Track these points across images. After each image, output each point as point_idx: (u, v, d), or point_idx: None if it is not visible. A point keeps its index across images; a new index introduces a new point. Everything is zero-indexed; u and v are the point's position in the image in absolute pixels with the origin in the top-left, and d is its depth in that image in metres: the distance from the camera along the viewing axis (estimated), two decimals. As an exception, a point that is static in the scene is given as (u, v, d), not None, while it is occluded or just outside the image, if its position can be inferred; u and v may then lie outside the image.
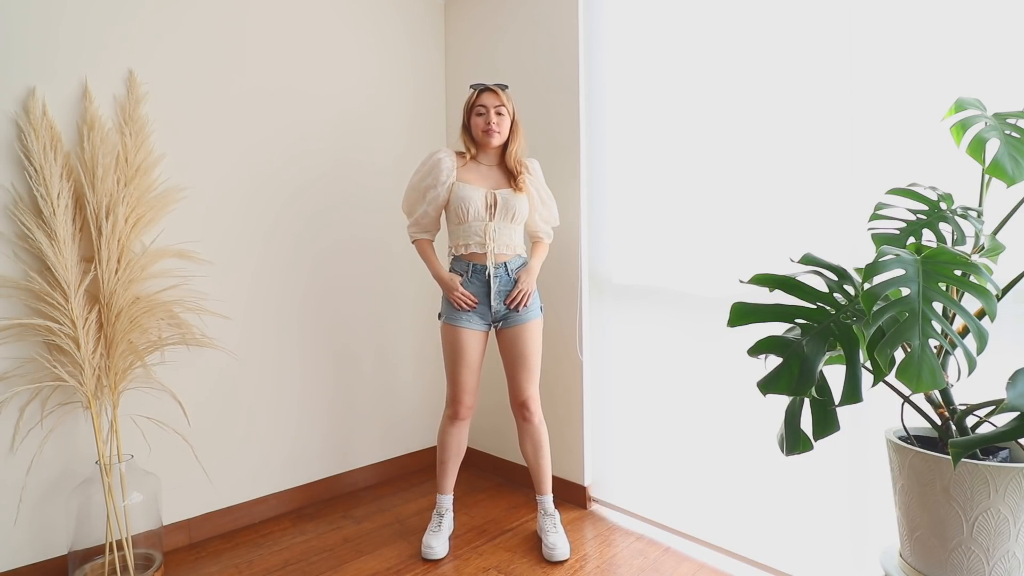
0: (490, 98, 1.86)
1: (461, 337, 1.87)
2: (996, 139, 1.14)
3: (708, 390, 1.88)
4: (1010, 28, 1.35)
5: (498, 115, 1.86)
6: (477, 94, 1.89)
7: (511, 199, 1.86)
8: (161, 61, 1.92)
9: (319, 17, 2.33)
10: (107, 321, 1.72)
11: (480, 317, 1.88)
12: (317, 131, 2.32)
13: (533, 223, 2.00)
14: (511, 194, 1.87)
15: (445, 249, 2.01)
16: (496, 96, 1.87)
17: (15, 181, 1.67)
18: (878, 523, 1.53)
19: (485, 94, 1.87)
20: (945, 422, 1.17)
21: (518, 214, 1.87)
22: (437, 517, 1.97)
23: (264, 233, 2.17)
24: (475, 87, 1.90)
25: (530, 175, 1.94)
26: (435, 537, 1.91)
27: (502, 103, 1.87)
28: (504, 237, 1.86)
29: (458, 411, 1.92)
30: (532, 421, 1.94)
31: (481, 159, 1.94)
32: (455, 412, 1.93)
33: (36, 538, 1.72)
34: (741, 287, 1.70)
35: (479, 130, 1.87)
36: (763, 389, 1.07)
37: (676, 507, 2.00)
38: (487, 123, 1.85)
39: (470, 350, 1.88)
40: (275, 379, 2.21)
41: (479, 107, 1.87)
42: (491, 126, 1.85)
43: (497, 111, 1.86)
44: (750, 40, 1.77)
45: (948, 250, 1.04)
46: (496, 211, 1.84)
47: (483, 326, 1.90)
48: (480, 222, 1.84)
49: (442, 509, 1.98)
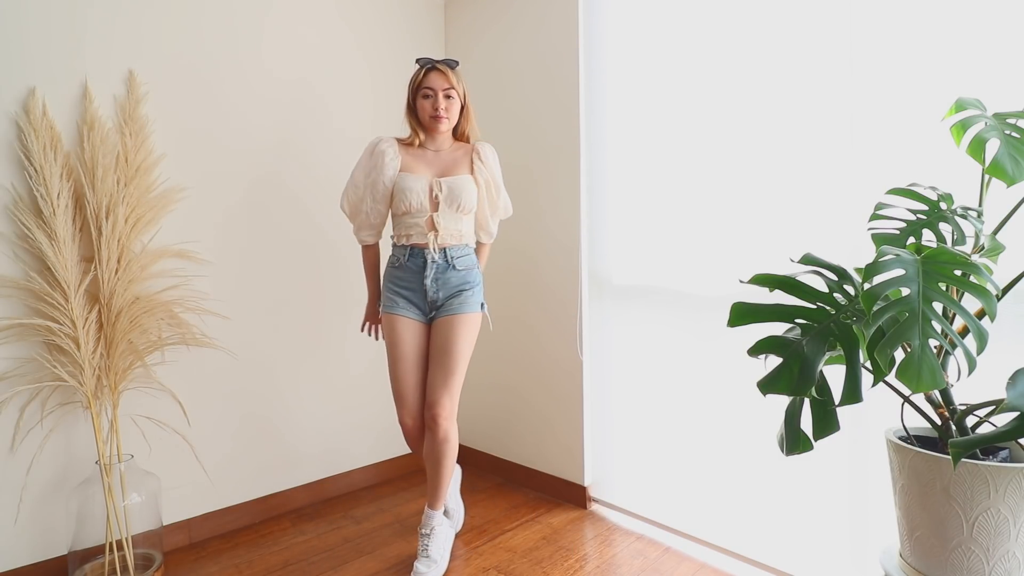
0: (438, 79, 1.70)
1: (396, 326, 1.73)
2: (996, 139, 1.14)
3: (708, 390, 1.88)
4: (1010, 28, 1.35)
5: (447, 98, 1.71)
6: (424, 72, 1.72)
7: (456, 187, 1.71)
8: (161, 61, 1.92)
9: (319, 17, 2.33)
10: (107, 321, 1.72)
11: (415, 307, 1.75)
12: (316, 131, 2.32)
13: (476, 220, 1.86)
14: (457, 180, 1.72)
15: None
16: (444, 77, 1.70)
17: (15, 181, 1.67)
18: (878, 523, 1.53)
19: (432, 74, 1.70)
20: (945, 422, 1.17)
21: (464, 203, 1.72)
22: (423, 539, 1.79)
23: (264, 233, 2.17)
24: (422, 63, 1.73)
25: (480, 162, 1.79)
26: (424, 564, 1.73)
27: (451, 85, 1.71)
28: (449, 226, 1.72)
29: (403, 419, 1.76)
30: (436, 433, 1.68)
31: (427, 144, 1.79)
32: (402, 423, 1.77)
33: (36, 538, 1.72)
34: (741, 287, 1.70)
35: (425, 114, 1.73)
36: (763, 389, 1.07)
37: (676, 507, 2.00)
38: (435, 108, 1.70)
39: (404, 339, 1.73)
40: (275, 379, 2.21)
41: (426, 89, 1.71)
42: (439, 111, 1.70)
43: (446, 94, 1.71)
44: (750, 40, 1.77)
45: (948, 250, 1.04)
46: (441, 200, 1.71)
47: (419, 315, 1.76)
48: (423, 214, 1.70)
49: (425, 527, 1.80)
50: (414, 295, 1.75)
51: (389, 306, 1.77)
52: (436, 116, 1.72)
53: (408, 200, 1.70)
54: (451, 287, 1.75)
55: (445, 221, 1.72)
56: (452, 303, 1.74)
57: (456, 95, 1.74)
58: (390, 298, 1.77)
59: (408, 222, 1.73)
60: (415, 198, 1.70)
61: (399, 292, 1.76)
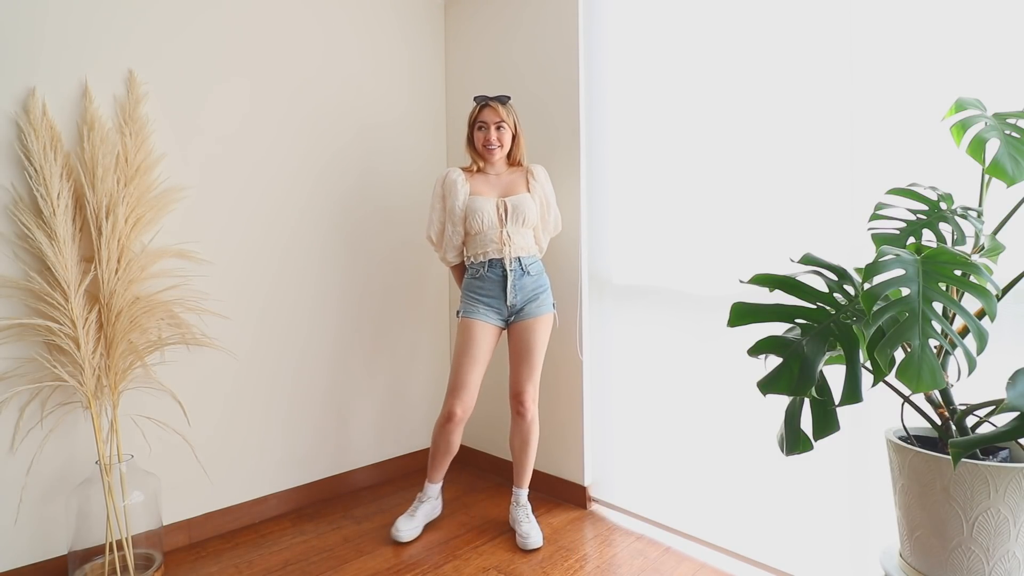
0: (490, 114, 1.96)
1: (472, 328, 1.93)
2: (996, 139, 1.14)
3: (708, 390, 1.88)
4: (1010, 28, 1.35)
5: (498, 130, 1.97)
6: (479, 109, 1.98)
7: (520, 204, 1.95)
8: (161, 61, 1.92)
9: (319, 17, 2.32)
10: (107, 321, 1.72)
11: (495, 312, 1.96)
12: (316, 131, 2.32)
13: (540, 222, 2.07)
14: (519, 199, 1.96)
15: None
16: (495, 112, 1.96)
17: (15, 181, 1.67)
18: (878, 523, 1.53)
19: (486, 110, 1.97)
20: (945, 422, 1.17)
21: (528, 218, 1.96)
22: (416, 502, 2.04)
23: (264, 233, 2.17)
24: (478, 100, 1.99)
25: (535, 181, 2.03)
26: (405, 520, 1.99)
27: (502, 119, 1.96)
28: (518, 240, 1.96)
29: (453, 408, 1.93)
30: (525, 417, 1.99)
31: (487, 169, 2.04)
32: (450, 410, 1.93)
33: (36, 538, 1.72)
34: (741, 287, 1.70)
35: (480, 144, 1.99)
36: (763, 389, 1.07)
37: (676, 507, 2.00)
38: (487, 138, 1.96)
39: (479, 340, 1.93)
40: (275, 379, 2.21)
41: (480, 122, 1.98)
42: (491, 141, 1.96)
43: (497, 126, 1.96)
44: (750, 40, 1.77)
45: (948, 250, 1.04)
46: (508, 217, 1.94)
47: (497, 321, 1.96)
48: (494, 230, 1.94)
49: (424, 496, 2.05)
50: (495, 301, 1.96)
51: (470, 312, 1.97)
52: (488, 146, 1.97)
53: (481, 219, 1.94)
54: (528, 291, 1.97)
55: (514, 234, 1.95)
56: (530, 307, 1.97)
57: (507, 127, 1.99)
58: (471, 306, 1.97)
59: (482, 240, 1.97)
60: (486, 217, 1.94)
61: (480, 300, 1.97)
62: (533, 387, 1.98)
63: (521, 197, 1.98)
